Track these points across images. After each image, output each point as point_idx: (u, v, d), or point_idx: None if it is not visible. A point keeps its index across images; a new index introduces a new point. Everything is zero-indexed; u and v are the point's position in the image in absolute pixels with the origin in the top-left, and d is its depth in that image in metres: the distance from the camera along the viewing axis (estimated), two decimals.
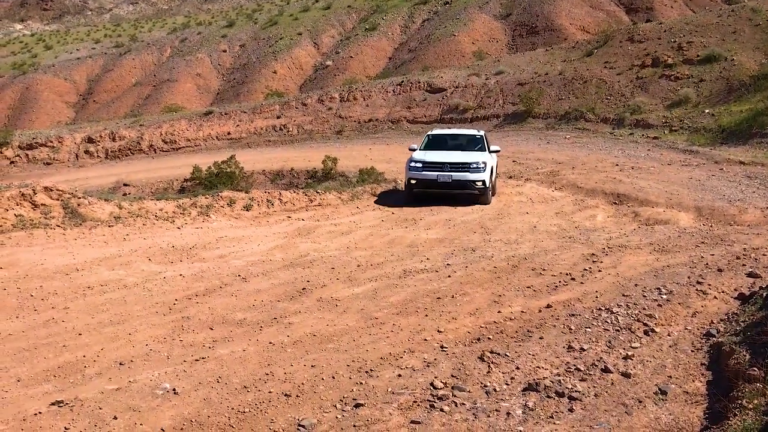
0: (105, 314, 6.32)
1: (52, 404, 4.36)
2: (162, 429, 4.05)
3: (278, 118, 33.77)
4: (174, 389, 4.59)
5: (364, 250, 9.45)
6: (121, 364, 5.09)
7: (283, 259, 8.93)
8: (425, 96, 32.99)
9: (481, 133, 15.95)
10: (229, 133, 33.35)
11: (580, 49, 32.36)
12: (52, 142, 33.84)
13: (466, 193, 13.92)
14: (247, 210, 12.62)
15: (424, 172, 14.06)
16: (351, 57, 55.10)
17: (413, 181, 14.07)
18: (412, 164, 14.21)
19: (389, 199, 14.33)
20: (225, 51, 61.99)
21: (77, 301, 6.68)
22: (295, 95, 41.47)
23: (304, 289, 7.32)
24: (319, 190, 14.74)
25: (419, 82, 33.97)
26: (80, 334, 5.75)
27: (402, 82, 34.86)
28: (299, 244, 9.90)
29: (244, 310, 6.54)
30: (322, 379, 4.81)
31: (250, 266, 8.42)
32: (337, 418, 4.21)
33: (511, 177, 17.02)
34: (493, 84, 31.48)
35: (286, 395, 4.53)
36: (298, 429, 4.06)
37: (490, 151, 15.39)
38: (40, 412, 4.25)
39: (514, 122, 28.50)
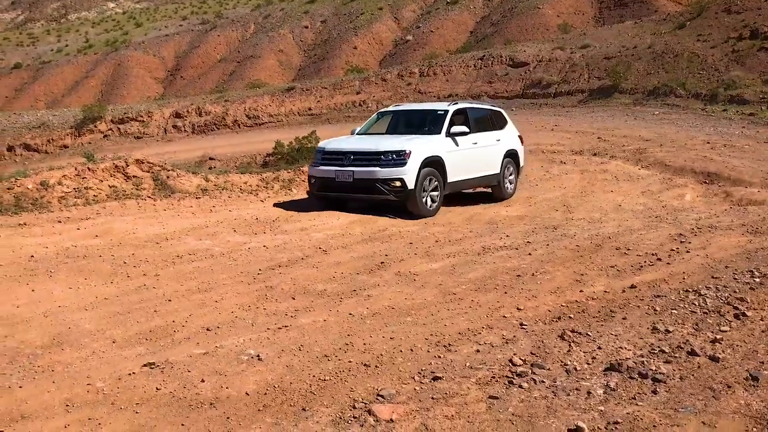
0: (193, 282, 6.57)
1: (145, 365, 4.58)
2: (246, 393, 4.19)
3: (358, 93, 33.96)
4: (258, 355, 4.74)
5: (442, 226, 9.44)
6: (208, 329, 5.29)
7: (361, 233, 9.03)
8: (507, 70, 32.41)
9: (447, 108, 11.29)
10: (309, 109, 33.79)
11: (672, 21, 30.96)
12: (142, 116, 35.15)
13: (377, 200, 10.11)
14: None
15: (322, 167, 10.44)
16: (432, 31, 54.58)
17: (312, 180, 10.65)
18: (316, 156, 10.89)
19: None
20: (307, 27, 62.56)
21: (167, 269, 6.96)
22: (374, 71, 41.54)
23: (382, 262, 7.39)
24: None
25: (501, 56, 33.37)
26: (170, 300, 6.00)
27: (483, 56, 34.33)
28: (377, 218, 9.98)
29: (325, 281, 6.66)
30: (401, 351, 4.86)
31: (330, 239, 8.56)
32: (415, 389, 4.25)
33: (595, 154, 16.58)
34: (579, 58, 30.58)
35: (365, 365, 4.61)
36: (377, 398, 4.13)
37: (494, 138, 11.86)
38: (133, 372, 4.48)
39: (600, 98, 27.66)
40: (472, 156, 11.21)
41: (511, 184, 12.41)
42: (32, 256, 7.08)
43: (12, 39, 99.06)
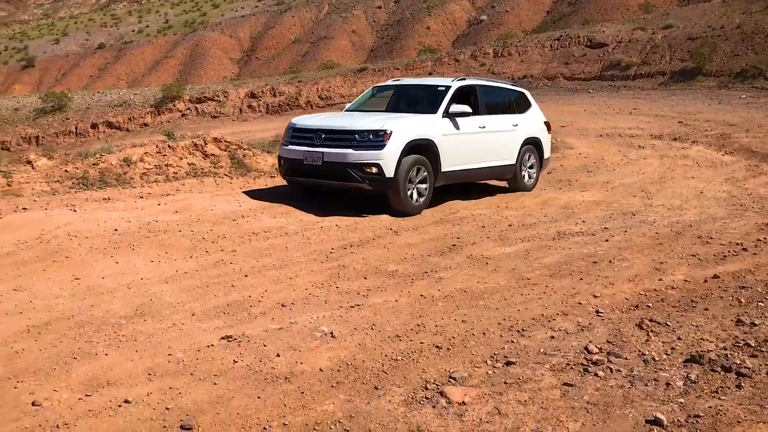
0: (268, 258, 6.70)
1: (222, 338, 4.71)
2: (320, 369, 4.26)
3: (430, 74, 33.75)
4: (331, 332, 4.80)
5: (516, 210, 9.31)
6: (282, 305, 5.39)
7: (432, 214, 9.00)
8: (584, 51, 31.57)
9: (449, 84, 9.72)
10: None
11: None
12: (218, 96, 35.94)
13: (350, 188, 8.78)
14: None
15: (290, 147, 9.05)
16: (507, 11, 53.64)
17: (281, 162, 9.33)
18: (286, 133, 9.45)
19: None
20: (380, 7, 62.47)
21: (243, 246, 7.12)
22: (447, 51, 41.17)
23: (454, 245, 7.35)
24: None
25: (579, 37, 32.52)
26: (246, 276, 6.14)
27: (560, 36, 33.54)
28: (448, 200, 9.91)
29: (396, 262, 6.68)
30: (473, 334, 4.83)
31: (401, 220, 8.56)
32: (487, 373, 4.23)
33: (675, 139, 15.99)
34: (660, 39, 29.48)
35: (437, 347, 4.60)
36: (449, 380, 4.12)
37: (516, 121, 10.43)
38: (212, 345, 4.61)
39: (682, 80, 26.61)
40: (477, 142, 9.71)
41: (531, 178, 10.95)
42: (116, 229, 7.36)
43: (96, 20, 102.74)
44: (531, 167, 10.96)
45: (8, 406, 3.75)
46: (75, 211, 7.98)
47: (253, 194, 9.52)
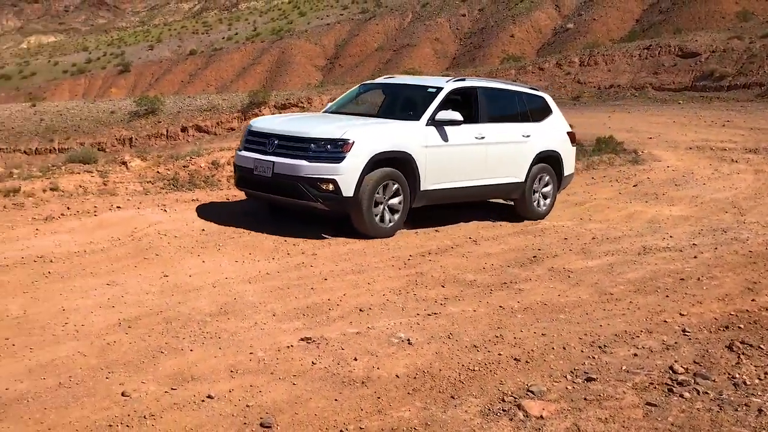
0: (347, 263, 6.78)
1: (302, 339, 4.79)
2: (397, 375, 4.27)
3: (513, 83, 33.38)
4: (408, 339, 4.82)
5: (599, 223, 9.08)
6: (360, 310, 5.44)
7: (513, 225, 8.90)
8: (675, 61, 30.52)
9: (442, 85, 8.41)
10: None
11: None
12: (302, 102, 36.65)
13: (302, 206, 7.64)
14: None
15: (243, 153, 7.95)
16: (594, 19, 52.52)
17: (235, 169, 8.29)
18: (244, 136, 8.32)
19: (628, 170, 13.53)
20: (464, 15, 62.35)
21: (323, 249, 7.23)
22: (531, 59, 40.65)
23: (534, 256, 7.24)
24: None
25: (669, 46, 31.47)
26: (326, 279, 6.24)
27: (650, 45, 32.55)
28: None
29: (475, 271, 6.64)
30: (553, 348, 4.74)
31: (480, 229, 8.50)
32: (567, 388, 4.14)
33: None
34: (759, 48, 28.17)
35: (515, 359, 4.54)
36: (527, 394, 4.06)
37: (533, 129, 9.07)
38: (291, 345, 4.70)
39: None
40: (473, 155, 8.40)
41: (545, 198, 9.40)
42: (203, 229, 7.62)
43: (189, 27, 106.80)
44: (546, 186, 9.41)
45: (100, 395, 3.94)
46: (165, 210, 8.31)
47: None
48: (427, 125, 7.92)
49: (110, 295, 5.58)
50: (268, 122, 8.29)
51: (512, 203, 9.33)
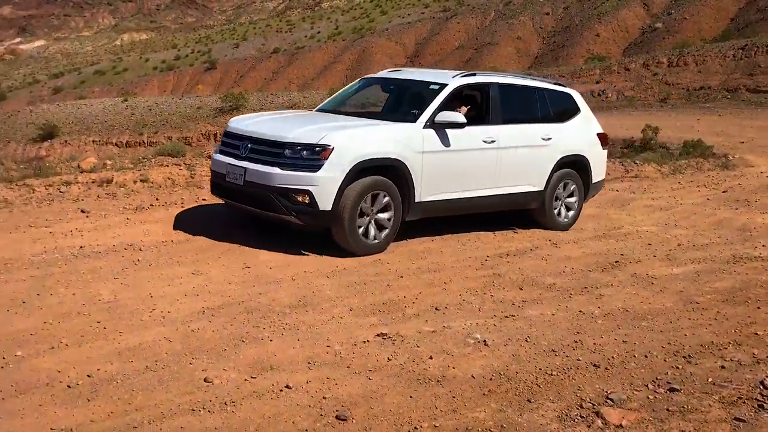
0: (423, 261, 6.79)
1: (378, 335, 4.83)
2: (472, 376, 4.25)
3: (597, 83, 32.59)
4: (485, 341, 4.78)
5: (686, 229, 8.75)
6: (436, 309, 5.44)
7: (594, 228, 8.68)
8: None
9: (446, 81, 7.48)
10: None
11: None
12: None
13: (275, 219, 6.84)
14: None
15: (219, 157, 7.19)
16: (685, 18, 50.61)
17: (211, 174, 7.51)
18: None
19: (717, 175, 12.98)
20: (548, 14, 61.28)
21: (399, 247, 7.26)
22: (617, 59, 39.58)
23: (617, 262, 7.05)
24: (636, 161, 13.94)
25: (767, 46, 29.94)
26: (401, 277, 6.26)
27: (745, 45, 31.12)
28: (612, 215, 9.52)
29: (554, 275, 6.52)
30: (634, 356, 4.61)
31: (560, 232, 8.34)
32: (648, 398, 4.01)
33: None
34: None
35: (594, 365, 4.44)
36: (606, 401, 3.96)
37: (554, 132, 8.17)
38: (367, 341, 4.75)
39: None
40: (480, 161, 7.55)
41: (569, 210, 8.58)
42: None
43: (273, 26, 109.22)
44: (571, 196, 8.57)
45: (184, 380, 4.08)
46: None
47: None
48: (425, 128, 7.04)
49: (195, 284, 5.77)
50: (243, 122, 7.39)
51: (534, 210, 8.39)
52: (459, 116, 7.16)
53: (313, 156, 6.42)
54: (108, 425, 3.57)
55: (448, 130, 7.14)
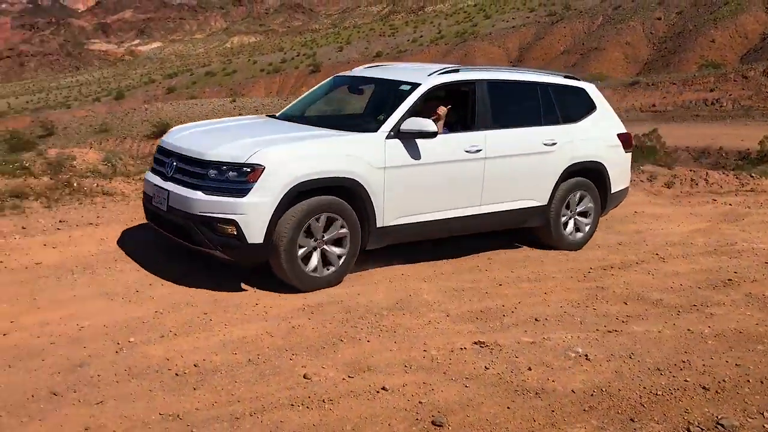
0: (523, 270, 6.67)
1: (475, 343, 4.79)
2: (572, 390, 4.14)
3: (711, 91, 31.06)
4: (586, 355, 4.64)
5: None
6: (536, 319, 5.33)
7: (705, 243, 8.25)
8: None
9: (419, 81, 6.24)
10: (653, 105, 31.87)
11: None
12: None
13: (199, 252, 5.63)
14: (668, 187, 11.93)
15: (148, 177, 6.10)
16: None
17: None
18: None
19: None
20: (659, 19, 59.01)
21: (499, 255, 7.16)
22: (734, 66, 37.57)
23: (729, 280, 6.67)
24: (753, 174, 13.17)
25: None
26: (500, 285, 6.17)
27: None
28: (725, 230, 9.02)
29: (661, 290, 6.25)
30: (748, 380, 4.35)
31: (668, 246, 7.98)
32: (764, 426, 3.78)
33: None
34: None
35: (703, 388, 4.22)
36: (716, 426, 3.76)
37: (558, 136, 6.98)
38: (464, 348, 4.71)
39: None
40: (461, 175, 6.37)
41: (579, 231, 7.53)
42: None
43: (376, 29, 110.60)
44: (583, 214, 7.51)
45: (284, 375, 4.19)
46: None
47: None
48: (388, 138, 5.86)
49: None
50: (177, 134, 6.25)
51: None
52: (429, 123, 5.88)
53: (240, 178, 5.27)
54: (212, 414, 3.72)
55: (418, 140, 5.97)
